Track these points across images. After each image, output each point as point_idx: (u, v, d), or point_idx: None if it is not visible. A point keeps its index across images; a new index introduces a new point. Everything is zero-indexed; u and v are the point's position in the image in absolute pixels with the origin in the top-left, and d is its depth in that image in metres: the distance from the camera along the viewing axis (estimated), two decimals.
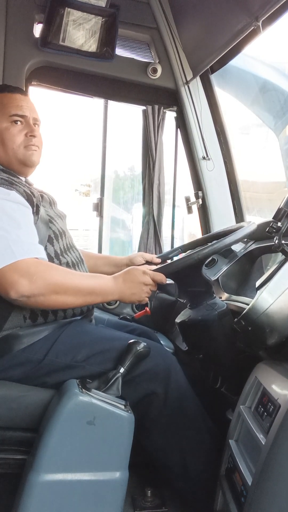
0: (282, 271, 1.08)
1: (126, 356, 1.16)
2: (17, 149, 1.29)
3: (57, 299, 1.15)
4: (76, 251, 1.38)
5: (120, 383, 1.13)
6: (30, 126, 1.31)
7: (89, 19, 1.99)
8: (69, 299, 1.17)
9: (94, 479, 1.08)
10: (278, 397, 0.93)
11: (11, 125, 1.29)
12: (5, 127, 1.29)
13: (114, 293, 1.23)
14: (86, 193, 4.81)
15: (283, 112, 2.52)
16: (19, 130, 1.30)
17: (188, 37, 2.11)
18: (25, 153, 1.30)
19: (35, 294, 1.11)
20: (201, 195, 2.21)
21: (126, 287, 1.23)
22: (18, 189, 1.20)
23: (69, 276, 1.19)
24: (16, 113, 1.29)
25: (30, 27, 2.01)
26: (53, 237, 1.28)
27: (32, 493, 1.04)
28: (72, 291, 1.16)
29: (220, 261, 1.76)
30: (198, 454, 1.24)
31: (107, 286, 1.22)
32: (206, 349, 1.31)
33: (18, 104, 1.31)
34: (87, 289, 1.20)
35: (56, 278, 1.14)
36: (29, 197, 1.21)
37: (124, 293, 1.23)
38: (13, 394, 1.18)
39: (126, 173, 3.74)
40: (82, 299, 1.19)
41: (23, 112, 1.30)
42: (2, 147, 1.29)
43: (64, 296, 1.15)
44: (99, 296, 1.23)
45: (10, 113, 1.29)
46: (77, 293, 1.17)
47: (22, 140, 1.30)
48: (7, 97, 1.31)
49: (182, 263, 1.21)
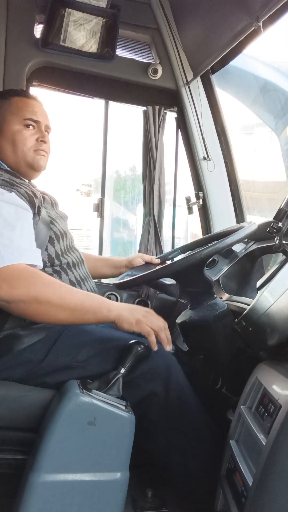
0: (283, 272, 1.07)
1: (126, 356, 1.16)
2: (27, 152, 1.33)
3: (38, 309, 1.09)
4: (76, 251, 1.39)
5: (121, 384, 1.13)
6: (42, 132, 1.35)
7: (90, 19, 1.99)
8: (53, 311, 1.10)
9: (95, 479, 1.08)
10: (279, 397, 0.93)
11: (23, 128, 1.33)
12: (17, 129, 1.32)
13: (111, 309, 1.13)
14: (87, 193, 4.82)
15: (284, 112, 2.52)
16: (31, 134, 1.34)
17: (188, 38, 2.11)
18: (34, 157, 1.34)
19: (15, 300, 1.07)
20: (202, 196, 2.21)
21: (126, 308, 1.16)
22: (19, 190, 1.20)
23: (55, 286, 1.12)
24: (31, 117, 1.33)
25: (31, 28, 2.01)
26: (54, 238, 1.29)
27: (32, 493, 1.04)
28: (55, 303, 1.09)
29: (220, 261, 1.76)
30: (198, 455, 1.24)
31: (100, 303, 1.15)
32: (206, 349, 1.31)
33: (33, 109, 1.35)
34: (74, 303, 1.11)
35: (39, 287, 1.09)
36: (30, 198, 1.21)
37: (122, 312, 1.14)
38: (13, 394, 1.18)
39: (127, 173, 3.74)
40: (67, 313, 1.11)
41: (37, 117, 1.34)
42: (12, 148, 1.32)
43: (47, 306, 1.09)
44: (89, 313, 1.13)
45: (25, 116, 1.33)
46: (61, 305, 1.10)
47: (33, 144, 1.34)
48: (23, 101, 1.36)
49: (185, 263, 1.21)
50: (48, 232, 1.27)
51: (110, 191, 2.81)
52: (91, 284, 1.38)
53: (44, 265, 1.25)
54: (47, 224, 1.28)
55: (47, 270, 1.26)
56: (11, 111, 1.33)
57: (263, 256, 1.67)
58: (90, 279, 1.39)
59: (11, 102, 1.35)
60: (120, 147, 2.70)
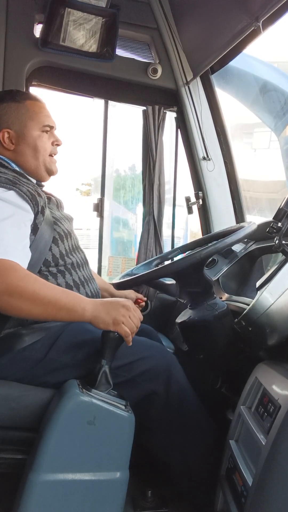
0: (283, 272, 1.08)
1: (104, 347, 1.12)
2: (46, 157, 1.36)
3: (9, 302, 1.05)
4: (81, 252, 1.38)
5: (109, 375, 1.11)
6: (55, 136, 1.39)
7: (90, 19, 1.99)
8: (25, 305, 1.06)
9: (95, 479, 1.08)
10: (279, 397, 0.93)
11: (43, 134, 1.35)
12: (38, 135, 1.34)
13: (86, 311, 1.10)
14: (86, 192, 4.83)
15: (283, 112, 2.52)
16: (48, 139, 1.37)
17: (188, 38, 2.11)
18: (50, 161, 1.38)
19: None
20: (201, 196, 2.21)
21: (103, 307, 1.11)
22: (21, 188, 1.19)
23: (29, 280, 1.08)
24: (49, 123, 1.36)
25: (31, 27, 2.01)
26: (58, 238, 1.29)
27: (32, 493, 1.04)
28: (27, 297, 1.05)
29: (220, 261, 1.77)
30: (198, 454, 1.24)
31: (76, 301, 1.10)
32: (206, 349, 1.31)
33: (47, 114, 1.38)
34: (48, 298, 1.07)
35: (11, 280, 1.05)
36: (33, 196, 1.21)
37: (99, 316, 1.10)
38: (13, 393, 1.18)
39: (127, 172, 3.74)
40: (40, 308, 1.07)
41: (52, 123, 1.38)
42: (34, 154, 1.34)
43: (19, 301, 1.05)
44: (63, 310, 1.09)
45: (44, 123, 1.35)
46: (34, 300, 1.06)
47: (50, 148, 1.37)
48: (37, 106, 1.37)
49: (185, 262, 1.21)
50: (52, 233, 1.27)
51: (110, 190, 2.80)
52: (94, 286, 1.37)
53: (48, 265, 1.25)
54: (51, 225, 1.28)
55: (51, 270, 1.25)
56: (29, 116, 1.34)
57: (263, 256, 1.67)
58: (93, 280, 1.39)
59: (27, 107, 1.35)
60: (119, 147, 2.70)
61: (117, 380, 1.14)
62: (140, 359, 1.20)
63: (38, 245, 1.22)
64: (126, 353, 1.18)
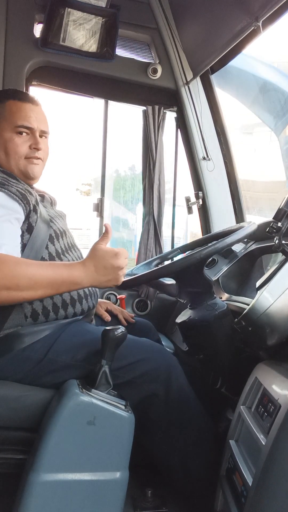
0: (282, 271, 1.08)
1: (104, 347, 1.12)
2: (19, 160, 1.28)
3: (10, 295, 1.05)
4: (77, 251, 1.38)
5: (109, 376, 1.11)
6: (35, 139, 1.29)
7: (90, 19, 1.99)
8: (25, 294, 1.06)
9: (94, 479, 1.08)
10: (279, 397, 0.93)
11: (15, 136, 1.27)
12: (9, 137, 1.27)
13: (84, 281, 1.11)
14: (86, 192, 4.83)
15: (283, 112, 2.52)
16: (24, 141, 1.29)
17: (188, 37, 2.11)
18: (26, 165, 1.29)
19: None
20: (201, 196, 2.21)
21: (100, 274, 1.12)
22: (10, 189, 1.18)
23: (21, 268, 1.06)
24: (22, 124, 1.27)
25: (31, 27, 2.01)
26: (54, 236, 1.29)
27: (32, 493, 1.04)
28: (25, 286, 1.05)
29: (220, 261, 1.77)
30: (198, 455, 1.24)
31: (73, 275, 1.10)
32: (206, 349, 1.31)
33: (27, 114, 1.29)
34: (45, 280, 1.07)
35: (3, 273, 1.03)
36: (23, 196, 1.20)
37: (97, 280, 1.12)
38: (13, 394, 1.18)
39: (127, 172, 3.74)
40: (41, 291, 1.08)
41: (30, 123, 1.28)
42: (5, 156, 1.29)
43: (18, 291, 1.05)
44: (63, 286, 1.10)
45: (17, 123, 1.27)
46: (32, 286, 1.06)
47: (26, 151, 1.29)
48: (16, 105, 1.29)
49: (184, 262, 1.21)
50: (49, 230, 1.27)
51: (110, 190, 2.80)
52: None
53: None
54: (47, 223, 1.27)
55: None
56: (4, 116, 1.28)
57: (263, 256, 1.67)
58: None
59: (5, 106, 1.30)
60: (119, 147, 2.70)
61: (117, 381, 1.14)
62: (140, 360, 1.20)
63: (34, 243, 1.21)
64: (126, 355, 1.18)
